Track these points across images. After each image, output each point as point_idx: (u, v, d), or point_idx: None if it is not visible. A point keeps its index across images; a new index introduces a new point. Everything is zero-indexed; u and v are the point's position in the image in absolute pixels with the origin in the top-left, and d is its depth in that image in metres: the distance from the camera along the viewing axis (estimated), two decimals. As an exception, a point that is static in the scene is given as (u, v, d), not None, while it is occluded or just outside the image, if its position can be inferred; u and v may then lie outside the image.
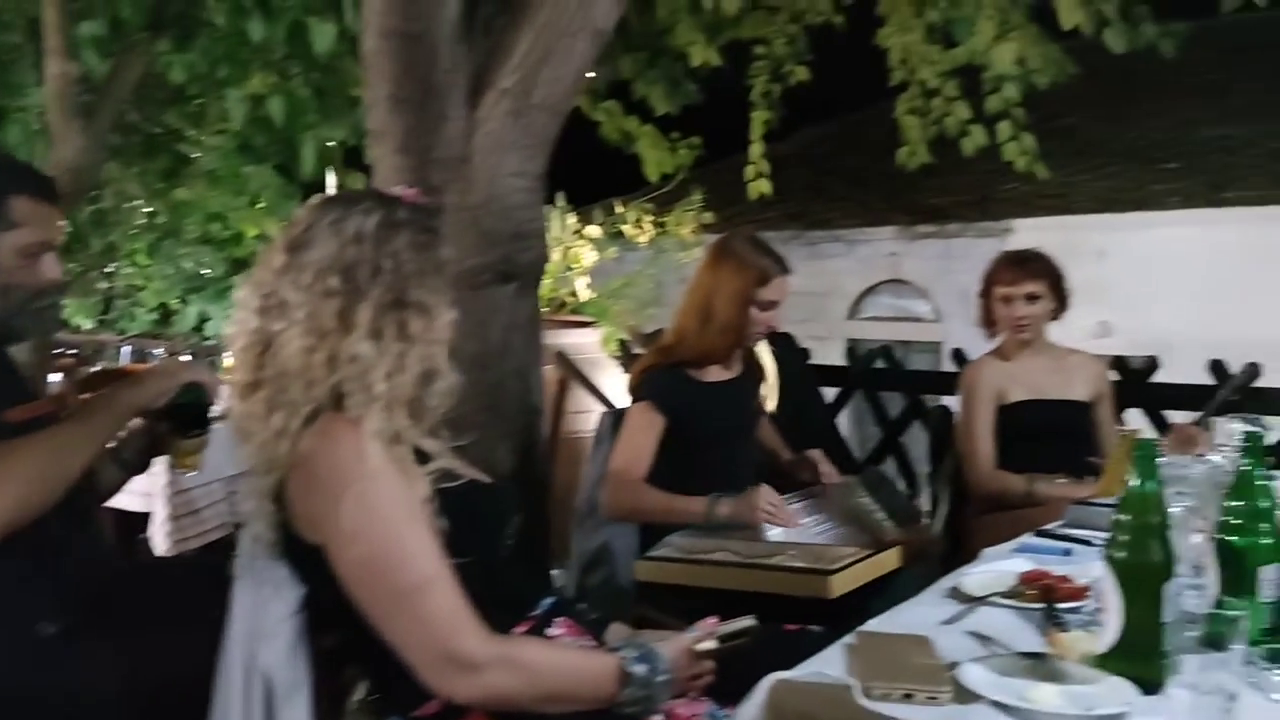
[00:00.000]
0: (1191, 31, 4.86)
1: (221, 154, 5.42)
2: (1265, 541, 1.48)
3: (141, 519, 3.40)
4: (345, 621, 1.52)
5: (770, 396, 2.82)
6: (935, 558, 2.81)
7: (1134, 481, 1.39)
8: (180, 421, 1.93)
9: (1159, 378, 3.78)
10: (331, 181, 5.47)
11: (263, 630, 1.58)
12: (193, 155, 6.39)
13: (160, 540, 3.31)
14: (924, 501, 3.50)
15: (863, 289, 8.12)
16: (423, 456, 1.55)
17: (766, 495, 2.39)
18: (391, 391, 1.49)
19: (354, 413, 1.47)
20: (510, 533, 1.65)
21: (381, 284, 1.50)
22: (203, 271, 8.40)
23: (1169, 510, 1.54)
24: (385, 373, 1.49)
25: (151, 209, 7.63)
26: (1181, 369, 3.99)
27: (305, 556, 1.53)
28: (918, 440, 3.93)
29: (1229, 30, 8.14)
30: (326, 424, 1.48)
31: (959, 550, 2.87)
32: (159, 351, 6.01)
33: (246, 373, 1.52)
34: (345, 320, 1.48)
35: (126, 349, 7.11)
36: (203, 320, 8.42)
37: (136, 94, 5.89)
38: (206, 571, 1.74)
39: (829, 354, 4.93)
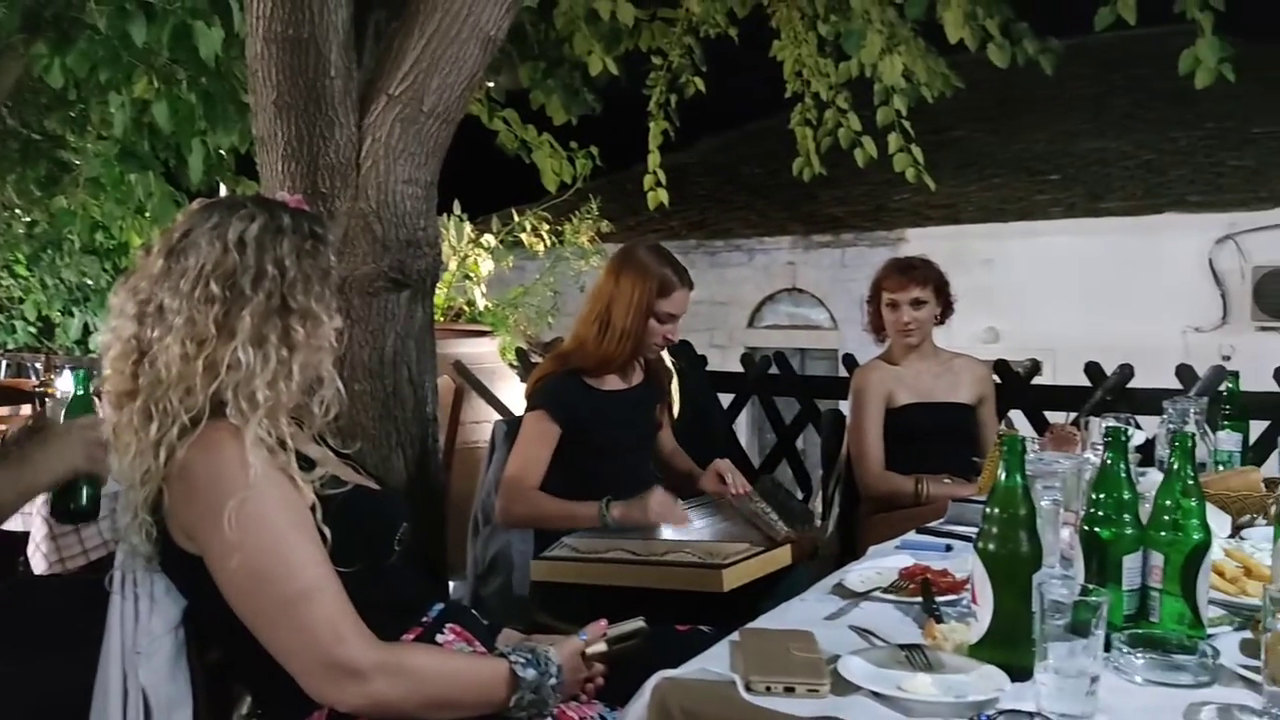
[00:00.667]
0: (1068, 48, 5.07)
1: (104, 161, 5.23)
2: (1128, 532, 1.55)
3: (20, 539, 3.27)
4: (228, 635, 1.50)
5: (674, 405, 2.84)
6: (830, 557, 2.88)
7: (1002, 476, 1.44)
8: (65, 515, 1.81)
9: (1043, 379, 3.92)
10: (223, 190, 5.35)
11: (141, 646, 1.54)
12: (74, 162, 6.18)
13: (39, 560, 3.19)
14: (818, 504, 3.57)
15: (762, 298, 8.25)
16: (308, 463, 1.53)
17: (658, 496, 2.41)
18: (275, 399, 1.47)
19: (235, 420, 1.45)
20: (399, 539, 1.64)
21: (264, 290, 1.48)
22: (87, 282, 8.12)
23: (1039, 504, 1.61)
24: (268, 380, 1.47)
25: (31, 218, 7.35)
26: (1066, 371, 4.16)
27: (185, 569, 1.50)
28: (815, 444, 4.01)
29: (1103, 48, 8.53)
30: (207, 433, 1.45)
31: (852, 549, 2.94)
32: (38, 365, 5.79)
33: (121, 382, 1.49)
34: (226, 327, 1.46)
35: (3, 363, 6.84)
36: (87, 332, 8.15)
37: (13, 98, 5.68)
38: (87, 591, 1.68)
39: (730, 362, 5.00)
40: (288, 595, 1.41)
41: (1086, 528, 1.57)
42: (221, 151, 5.13)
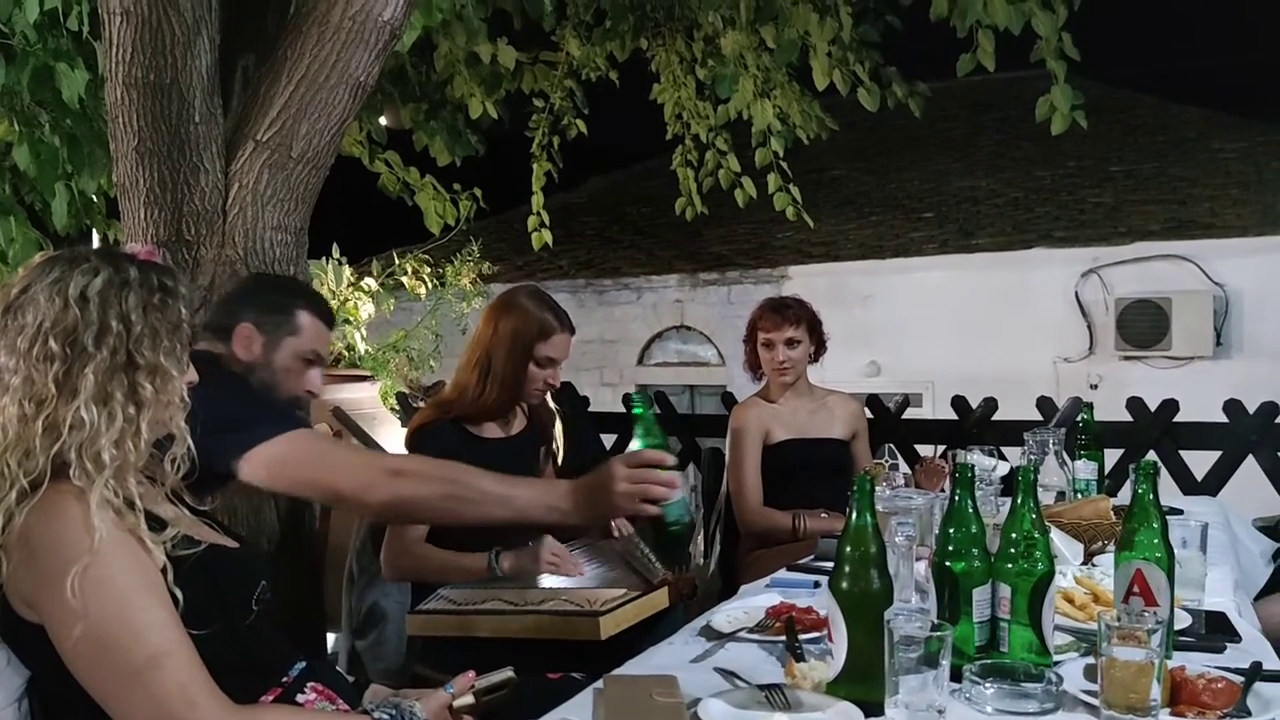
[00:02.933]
0: (939, 91, 5.27)
1: (-39, 205, 5.02)
2: (978, 565, 1.61)
3: None
4: (75, 706, 1.44)
5: (559, 450, 2.83)
6: (712, 595, 2.90)
7: (853, 516, 1.48)
8: None
9: (925, 411, 4.03)
10: (95, 234, 5.18)
11: (-19, 721, 1.47)
12: (-69, 206, 5.90)
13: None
14: (699, 541, 3.60)
15: (651, 335, 8.31)
16: (159, 523, 1.49)
17: (550, 546, 2.40)
18: (122, 458, 1.43)
19: (79, 482, 1.40)
20: (257, 598, 1.60)
21: (108, 347, 1.44)
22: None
23: (893, 539, 1.66)
24: (115, 439, 1.42)
25: (-115, 264, 6.99)
26: (946, 403, 4.28)
27: (27, 639, 1.44)
28: (700, 481, 4.04)
29: (971, 90, 8.90)
30: (48, 496, 1.40)
31: (733, 586, 2.97)
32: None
33: (-44, 445, 1.43)
34: (67, 386, 1.41)
35: None
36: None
37: None
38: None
39: (620, 400, 5.02)
40: (135, 663, 1.37)
41: (939, 561, 1.62)
42: (92, 195, 4.97)
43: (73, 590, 1.35)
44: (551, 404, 2.84)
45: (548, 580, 2.40)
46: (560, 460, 2.91)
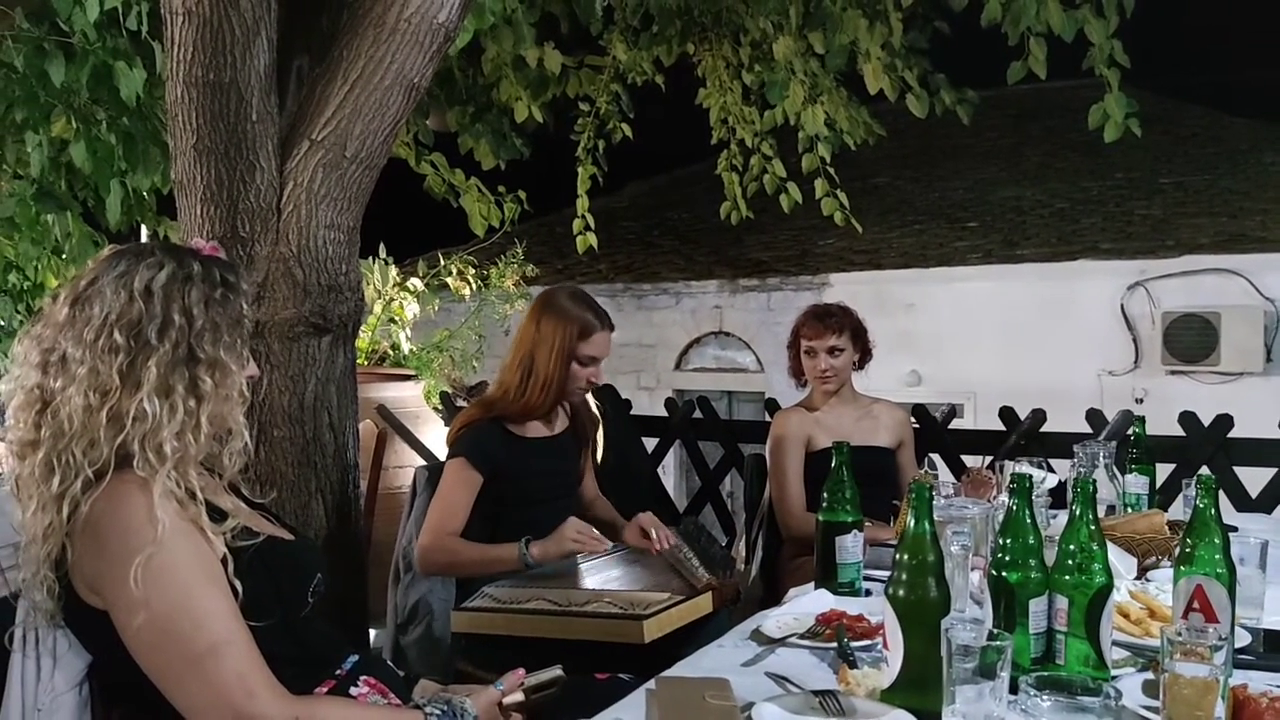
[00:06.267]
0: (985, 100, 5.23)
1: (19, 201, 5.11)
2: (1034, 576, 1.59)
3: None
4: (134, 691, 1.46)
5: (599, 451, 2.84)
6: (753, 600, 2.89)
7: (910, 523, 1.47)
8: None
9: (965, 421, 4.00)
10: (144, 231, 5.26)
11: (43, 703, 1.50)
12: (-13, 202, 6.00)
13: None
14: (741, 547, 3.58)
15: (689, 340, 8.30)
16: (219, 515, 1.51)
17: (574, 525, 2.41)
18: (183, 450, 1.45)
19: (143, 472, 1.42)
20: (312, 591, 1.61)
21: (170, 340, 1.46)
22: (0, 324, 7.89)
23: (949, 549, 1.65)
24: (176, 431, 1.44)
25: (-59, 258, 7.13)
26: (987, 413, 4.25)
27: (90, 624, 1.46)
28: (741, 487, 4.03)
29: (1018, 99, 8.83)
30: (113, 485, 1.42)
31: (775, 592, 2.96)
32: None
33: (25, 432, 1.45)
34: (130, 377, 1.43)
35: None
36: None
37: (-76, 136, 5.53)
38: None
39: (658, 404, 5.02)
40: (196, 650, 1.39)
41: (994, 572, 1.60)
42: (143, 192, 5.04)
43: (135, 579, 1.37)
44: (593, 404, 2.84)
45: (591, 580, 2.40)
46: (599, 463, 2.91)
